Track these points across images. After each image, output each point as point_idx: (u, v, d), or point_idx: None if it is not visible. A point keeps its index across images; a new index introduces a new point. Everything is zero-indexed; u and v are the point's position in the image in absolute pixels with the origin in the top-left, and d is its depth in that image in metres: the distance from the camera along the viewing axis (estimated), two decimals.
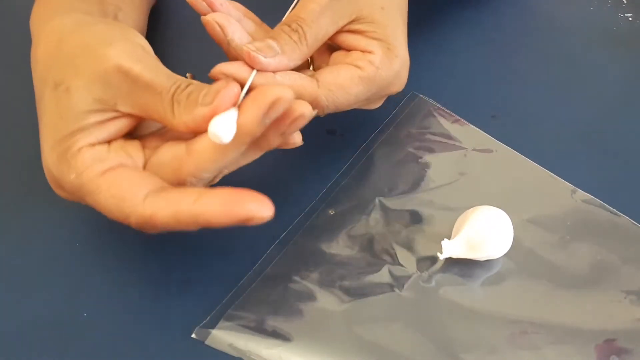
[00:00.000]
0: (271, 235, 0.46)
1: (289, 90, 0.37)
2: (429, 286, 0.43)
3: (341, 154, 0.49)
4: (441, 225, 0.45)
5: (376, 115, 0.48)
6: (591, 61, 0.55)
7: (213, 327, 0.42)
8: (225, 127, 0.37)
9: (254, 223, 0.36)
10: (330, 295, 0.43)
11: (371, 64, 0.43)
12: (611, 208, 0.46)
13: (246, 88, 0.40)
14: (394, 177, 0.48)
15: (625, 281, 0.43)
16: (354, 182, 0.48)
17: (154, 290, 0.44)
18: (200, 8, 0.43)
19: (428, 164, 0.49)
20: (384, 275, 0.44)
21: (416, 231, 0.46)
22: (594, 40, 0.56)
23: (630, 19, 0.58)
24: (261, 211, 0.36)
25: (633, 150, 0.50)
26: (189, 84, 0.38)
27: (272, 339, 0.41)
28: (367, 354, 0.41)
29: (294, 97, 0.39)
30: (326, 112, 0.44)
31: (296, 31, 0.42)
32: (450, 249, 0.43)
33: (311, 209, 0.47)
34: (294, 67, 0.43)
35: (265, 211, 0.36)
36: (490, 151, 0.49)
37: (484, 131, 0.50)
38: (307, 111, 0.38)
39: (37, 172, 0.44)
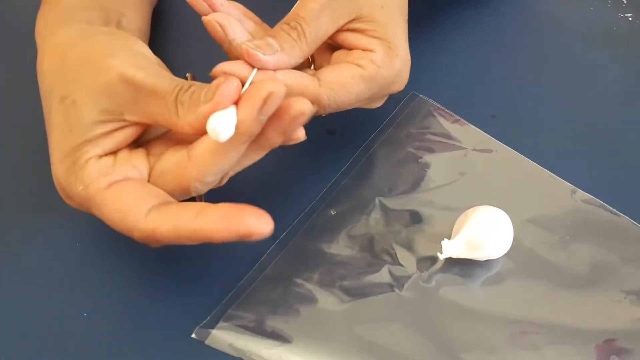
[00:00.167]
0: (271, 236, 0.45)
1: (281, 84, 0.37)
2: (429, 286, 0.43)
3: (341, 154, 0.49)
4: (441, 225, 0.45)
5: (376, 115, 0.48)
6: (591, 61, 0.55)
7: (213, 327, 0.42)
8: (223, 123, 0.37)
9: (254, 239, 0.37)
10: (330, 295, 0.43)
11: (372, 62, 0.43)
12: (611, 208, 0.46)
13: (246, 86, 0.39)
14: (394, 177, 0.48)
15: (625, 281, 0.43)
16: (354, 182, 0.48)
17: (154, 290, 0.44)
18: (200, 8, 0.43)
19: (428, 164, 0.49)
20: (384, 275, 0.44)
21: (416, 231, 0.46)
22: (594, 40, 0.56)
23: (630, 19, 0.58)
24: (261, 227, 0.37)
25: (633, 150, 0.50)
26: (190, 85, 0.39)
27: (272, 339, 0.41)
28: (367, 354, 0.41)
29: (295, 96, 0.39)
30: (328, 112, 0.44)
31: (295, 29, 0.42)
32: (450, 249, 0.43)
33: (311, 209, 0.47)
34: (295, 66, 0.43)
35: (265, 227, 0.37)
36: (490, 151, 0.49)
37: (484, 131, 0.50)
38: (307, 108, 0.38)
39: (37, 173, 0.44)
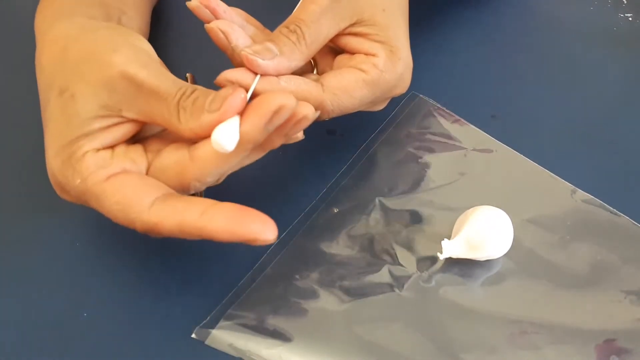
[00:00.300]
0: None
1: (291, 97, 0.37)
2: (429, 286, 0.43)
3: (341, 154, 0.49)
4: (441, 225, 0.45)
5: (376, 115, 0.48)
6: (591, 61, 0.55)
7: (213, 327, 0.42)
8: (228, 136, 0.37)
9: (257, 244, 0.37)
10: (330, 295, 0.43)
11: (375, 67, 0.43)
12: (611, 208, 0.46)
13: (249, 94, 0.40)
14: (394, 177, 0.48)
15: (625, 281, 0.43)
16: (354, 182, 0.48)
17: (154, 290, 0.44)
18: (203, 16, 0.43)
19: (428, 164, 0.49)
20: (384, 275, 0.44)
21: (416, 231, 0.46)
22: (594, 40, 0.56)
23: (630, 19, 0.58)
24: (265, 233, 0.37)
25: (633, 150, 0.50)
26: (194, 90, 0.38)
27: (272, 339, 0.41)
28: (367, 354, 0.41)
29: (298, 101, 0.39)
30: (331, 116, 0.44)
31: (294, 32, 0.42)
32: (450, 249, 0.43)
33: (311, 208, 0.47)
34: (297, 70, 0.43)
35: (269, 234, 0.37)
36: (490, 151, 0.49)
37: (484, 131, 0.50)
38: (310, 113, 0.38)
39: (37, 173, 0.44)
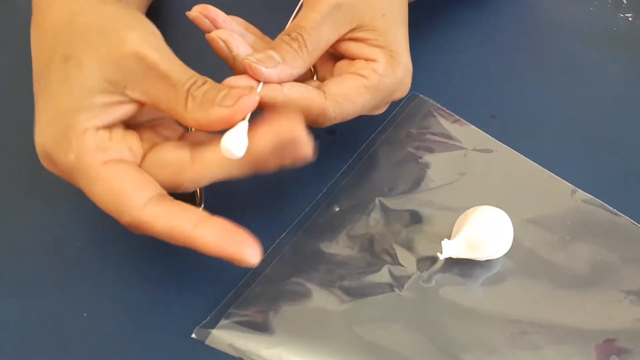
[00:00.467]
0: (271, 235, 0.46)
1: (304, 133, 0.38)
2: (429, 286, 0.43)
3: (341, 154, 0.49)
4: (441, 225, 0.45)
5: (376, 115, 0.48)
6: (591, 61, 0.55)
7: (213, 327, 0.42)
8: (237, 142, 0.38)
9: (241, 265, 0.38)
10: (330, 295, 0.43)
11: (375, 72, 0.44)
12: (611, 208, 0.46)
13: None
14: (394, 177, 0.48)
15: (625, 281, 0.43)
16: (354, 182, 0.48)
17: (154, 290, 0.44)
18: (203, 25, 0.43)
19: (428, 164, 0.49)
20: (384, 275, 0.44)
21: (416, 231, 0.46)
22: (594, 40, 0.56)
23: (630, 19, 0.58)
24: (252, 257, 0.38)
25: (633, 150, 0.50)
26: (205, 82, 0.39)
27: (272, 339, 0.41)
28: (367, 354, 0.41)
29: (302, 109, 0.41)
30: (333, 123, 0.44)
31: (296, 40, 0.42)
32: (450, 249, 0.43)
33: (311, 208, 0.47)
34: (298, 76, 0.43)
35: (255, 258, 0.38)
36: (490, 151, 0.49)
37: (484, 131, 0.50)
38: (309, 154, 0.39)
39: (37, 172, 0.44)
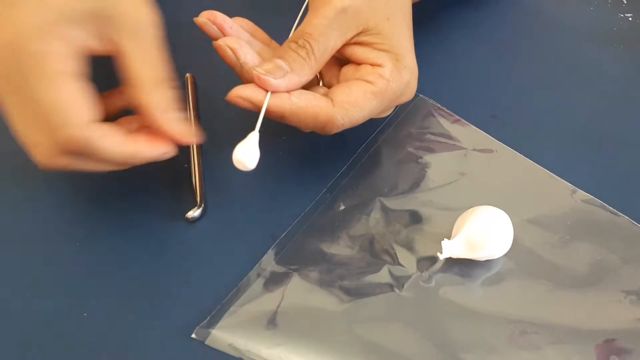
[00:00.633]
0: (271, 235, 0.46)
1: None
2: (429, 286, 0.43)
3: (341, 154, 0.49)
4: (441, 225, 0.45)
5: None
6: (591, 61, 0.55)
7: (213, 327, 0.42)
8: (250, 154, 0.40)
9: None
10: (330, 295, 0.43)
11: (382, 77, 0.44)
12: (611, 208, 0.46)
13: (263, 111, 0.41)
14: (394, 177, 0.48)
15: (625, 281, 0.43)
16: (354, 182, 0.48)
17: (154, 290, 0.44)
18: (211, 32, 0.44)
19: (428, 164, 0.49)
20: (384, 275, 0.44)
21: (416, 231, 0.46)
22: (594, 40, 0.56)
23: (630, 19, 0.58)
24: (170, 150, 0.42)
25: (633, 150, 0.50)
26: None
27: (272, 339, 0.41)
28: (367, 354, 0.41)
29: (310, 118, 0.42)
30: (341, 130, 0.44)
31: (303, 47, 0.42)
32: (450, 249, 0.43)
33: (311, 208, 0.47)
34: (306, 83, 0.43)
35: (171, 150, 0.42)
36: (490, 151, 0.49)
37: (484, 131, 0.50)
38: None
39: (37, 172, 0.44)
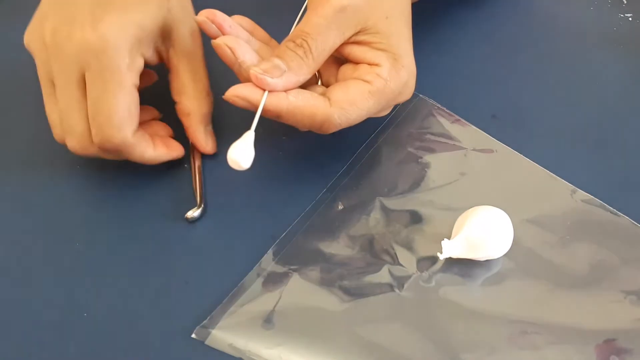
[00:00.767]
0: (271, 235, 0.46)
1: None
2: (429, 286, 0.43)
3: (341, 154, 0.49)
4: (441, 225, 0.45)
5: None
6: (591, 61, 0.55)
7: (213, 327, 0.42)
8: (244, 154, 0.40)
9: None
10: (330, 295, 0.43)
11: (379, 77, 0.44)
12: (611, 208, 0.46)
13: (259, 109, 0.41)
14: (394, 177, 0.48)
15: (625, 281, 0.43)
16: (354, 182, 0.48)
17: (154, 290, 0.44)
18: (210, 31, 0.44)
19: (428, 164, 0.49)
20: (384, 275, 0.44)
21: (416, 231, 0.46)
22: (594, 40, 0.56)
23: (630, 19, 0.58)
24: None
25: (633, 150, 0.50)
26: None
27: (272, 339, 0.41)
28: (367, 354, 0.41)
29: (307, 117, 0.42)
30: (338, 129, 0.44)
31: (301, 46, 0.42)
32: (450, 249, 0.43)
33: (311, 208, 0.47)
34: (304, 82, 0.43)
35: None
36: (490, 151, 0.49)
37: (484, 131, 0.50)
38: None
39: (37, 172, 0.44)
